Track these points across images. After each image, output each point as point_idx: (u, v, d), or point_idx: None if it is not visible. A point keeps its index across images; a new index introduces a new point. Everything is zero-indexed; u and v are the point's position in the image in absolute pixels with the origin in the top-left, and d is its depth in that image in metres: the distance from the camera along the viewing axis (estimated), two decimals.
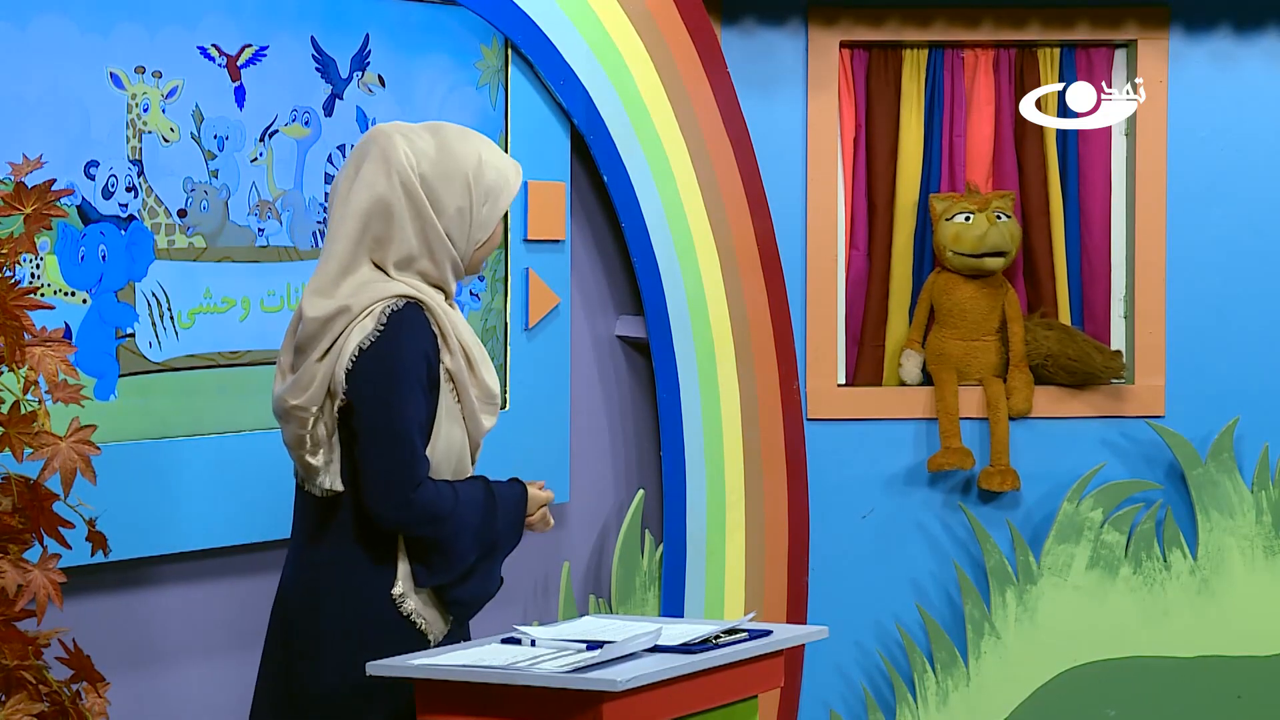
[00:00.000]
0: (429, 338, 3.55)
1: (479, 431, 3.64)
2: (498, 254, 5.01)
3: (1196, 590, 5.79)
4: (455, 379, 3.57)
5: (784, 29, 5.74)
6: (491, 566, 3.63)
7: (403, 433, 3.49)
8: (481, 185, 3.61)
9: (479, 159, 3.62)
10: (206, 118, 4.31)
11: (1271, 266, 5.83)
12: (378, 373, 3.50)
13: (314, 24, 4.53)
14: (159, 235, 4.22)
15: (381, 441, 3.49)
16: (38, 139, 3.94)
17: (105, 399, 4.10)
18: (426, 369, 3.53)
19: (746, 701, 3.55)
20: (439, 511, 3.51)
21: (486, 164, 3.62)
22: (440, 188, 3.59)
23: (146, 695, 4.25)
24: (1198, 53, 5.81)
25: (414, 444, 3.50)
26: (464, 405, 3.59)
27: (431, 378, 3.54)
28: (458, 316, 3.63)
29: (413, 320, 3.53)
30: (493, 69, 4.99)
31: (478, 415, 3.61)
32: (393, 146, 3.58)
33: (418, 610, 3.56)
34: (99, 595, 4.11)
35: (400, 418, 3.49)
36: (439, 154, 3.59)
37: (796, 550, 5.56)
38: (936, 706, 5.74)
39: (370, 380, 3.50)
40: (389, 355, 3.50)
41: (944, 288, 5.79)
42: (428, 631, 3.57)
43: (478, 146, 3.64)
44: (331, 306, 3.53)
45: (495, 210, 3.64)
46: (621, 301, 5.44)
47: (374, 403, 3.49)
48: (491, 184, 3.62)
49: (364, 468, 3.51)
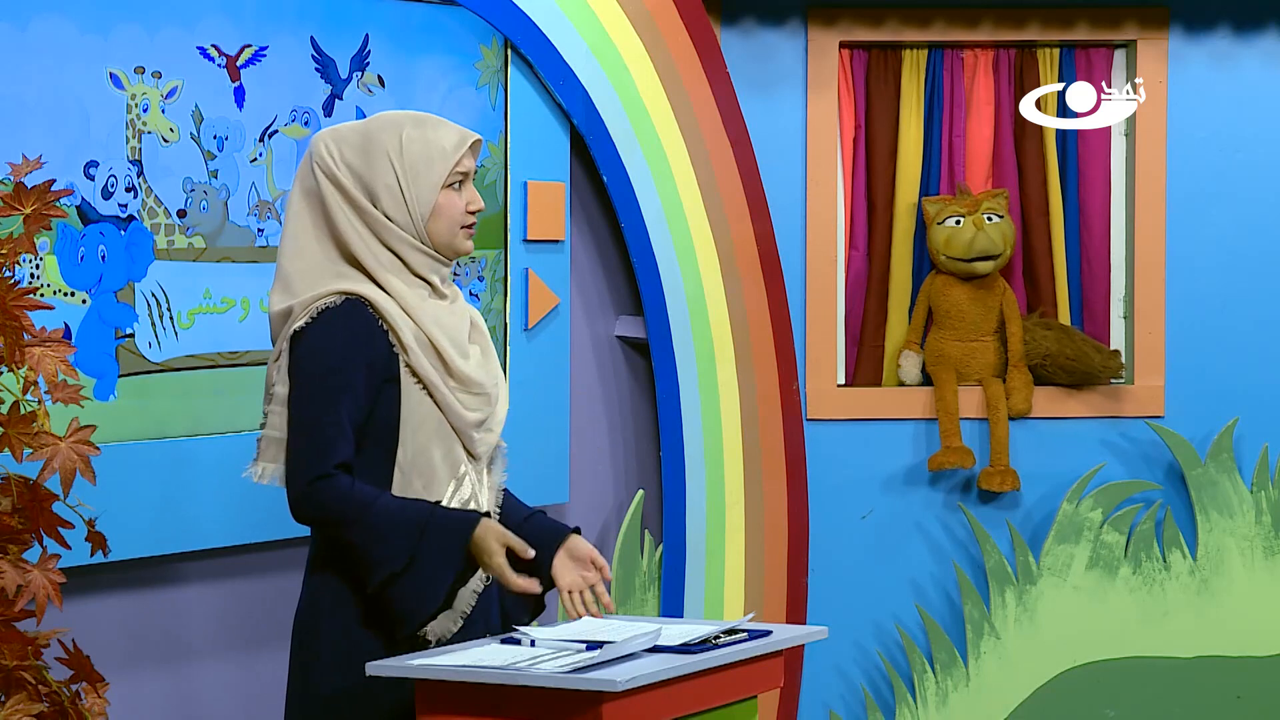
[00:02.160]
0: (370, 336, 3.52)
1: (463, 422, 3.58)
2: (497, 254, 5.01)
3: (1196, 590, 5.79)
4: (419, 374, 3.55)
5: (783, 29, 5.74)
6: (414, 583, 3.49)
7: (307, 423, 3.48)
8: (406, 159, 3.56)
9: (400, 136, 3.58)
10: (206, 118, 4.31)
11: (1271, 266, 5.83)
12: (295, 367, 3.51)
13: (313, 24, 4.53)
14: (158, 235, 4.22)
15: (291, 431, 3.51)
16: (37, 139, 3.94)
17: (105, 399, 4.10)
18: (363, 368, 3.51)
19: (746, 702, 3.55)
20: (342, 512, 3.47)
21: (410, 139, 3.57)
22: (365, 171, 3.57)
23: (147, 695, 4.25)
24: (1197, 53, 5.81)
25: (318, 437, 3.47)
26: (437, 399, 3.56)
27: (374, 377, 3.52)
28: (437, 308, 3.59)
29: (348, 317, 3.52)
30: (492, 69, 4.99)
31: (454, 405, 3.56)
32: (317, 145, 3.60)
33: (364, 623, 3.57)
34: (98, 596, 4.11)
35: (306, 409, 3.48)
36: (361, 139, 3.59)
37: (796, 551, 5.56)
38: (936, 707, 5.74)
39: (292, 373, 3.51)
40: (307, 351, 3.50)
41: (941, 289, 5.80)
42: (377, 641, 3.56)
43: (402, 123, 3.60)
44: (282, 305, 3.57)
45: (428, 180, 3.56)
46: (621, 302, 5.44)
47: (292, 394, 3.51)
48: (417, 155, 3.57)
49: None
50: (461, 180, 3.61)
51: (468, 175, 3.62)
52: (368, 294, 3.53)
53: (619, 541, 5.32)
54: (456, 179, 3.60)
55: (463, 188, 3.61)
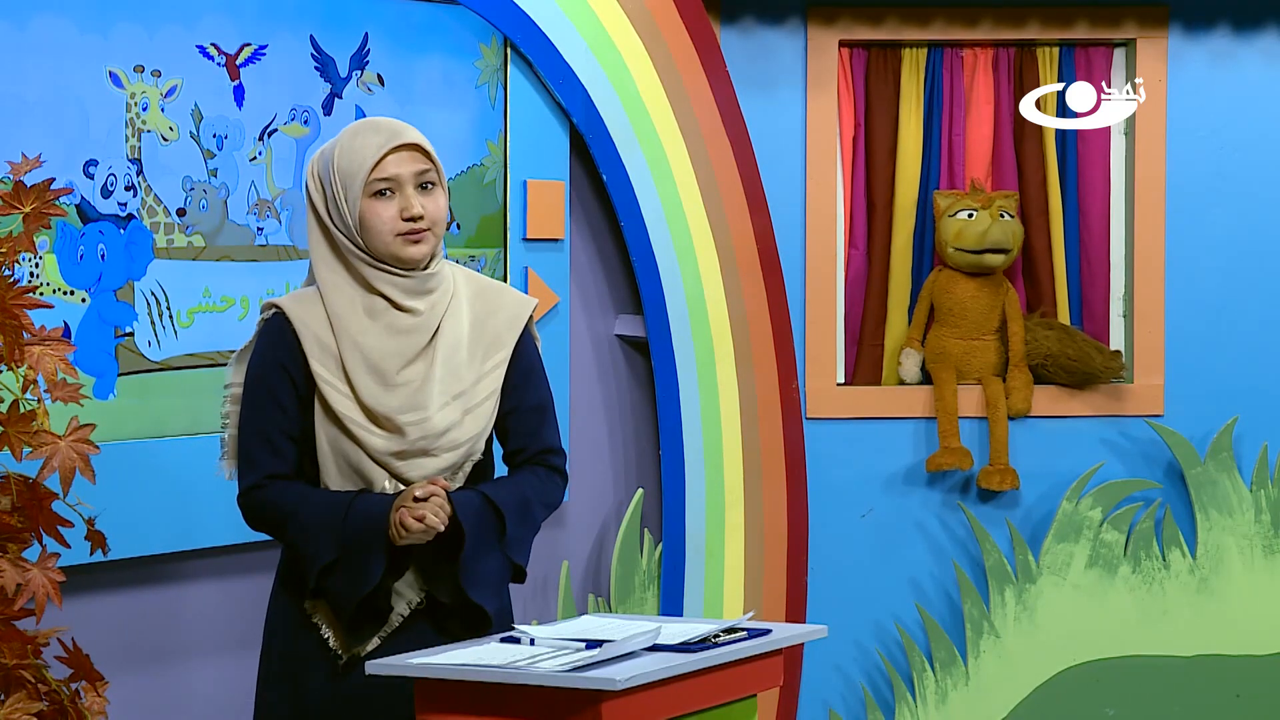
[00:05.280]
0: (284, 346, 3.55)
1: (374, 450, 3.54)
2: (497, 253, 5.01)
3: (1195, 589, 5.79)
4: (320, 390, 3.54)
5: (783, 28, 5.74)
6: (348, 571, 3.51)
7: (238, 436, 3.59)
8: (339, 170, 3.54)
9: (338, 146, 3.56)
10: (205, 117, 4.31)
11: (1271, 266, 5.83)
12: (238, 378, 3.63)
13: (313, 23, 4.53)
14: (158, 234, 4.22)
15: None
16: (37, 138, 3.94)
17: (104, 398, 4.10)
18: (281, 377, 3.54)
19: (745, 700, 3.55)
20: (274, 518, 3.54)
21: (341, 150, 3.55)
22: (322, 186, 3.57)
23: (148, 694, 4.25)
24: (1197, 52, 5.81)
25: (245, 451, 3.57)
26: (340, 420, 3.54)
27: (292, 386, 3.54)
28: (373, 327, 3.54)
29: (269, 330, 3.57)
30: (492, 68, 4.99)
31: (359, 434, 3.53)
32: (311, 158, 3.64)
33: (323, 620, 3.59)
34: (98, 595, 4.11)
35: (239, 424, 3.60)
36: (323, 154, 3.60)
37: (796, 550, 5.56)
38: (935, 706, 5.75)
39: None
40: (244, 363, 3.61)
41: (944, 286, 5.80)
42: (330, 640, 3.57)
43: (343, 134, 3.58)
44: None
45: (352, 191, 3.52)
46: (621, 301, 5.44)
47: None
48: (345, 167, 3.54)
49: None
50: (389, 188, 3.53)
51: (395, 180, 3.53)
52: (292, 311, 3.55)
53: (618, 540, 5.32)
54: (381, 187, 3.52)
55: (395, 195, 3.53)
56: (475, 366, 3.60)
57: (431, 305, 3.58)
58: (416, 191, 3.54)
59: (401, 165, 3.53)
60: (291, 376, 3.54)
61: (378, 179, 3.52)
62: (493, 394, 3.61)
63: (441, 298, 3.59)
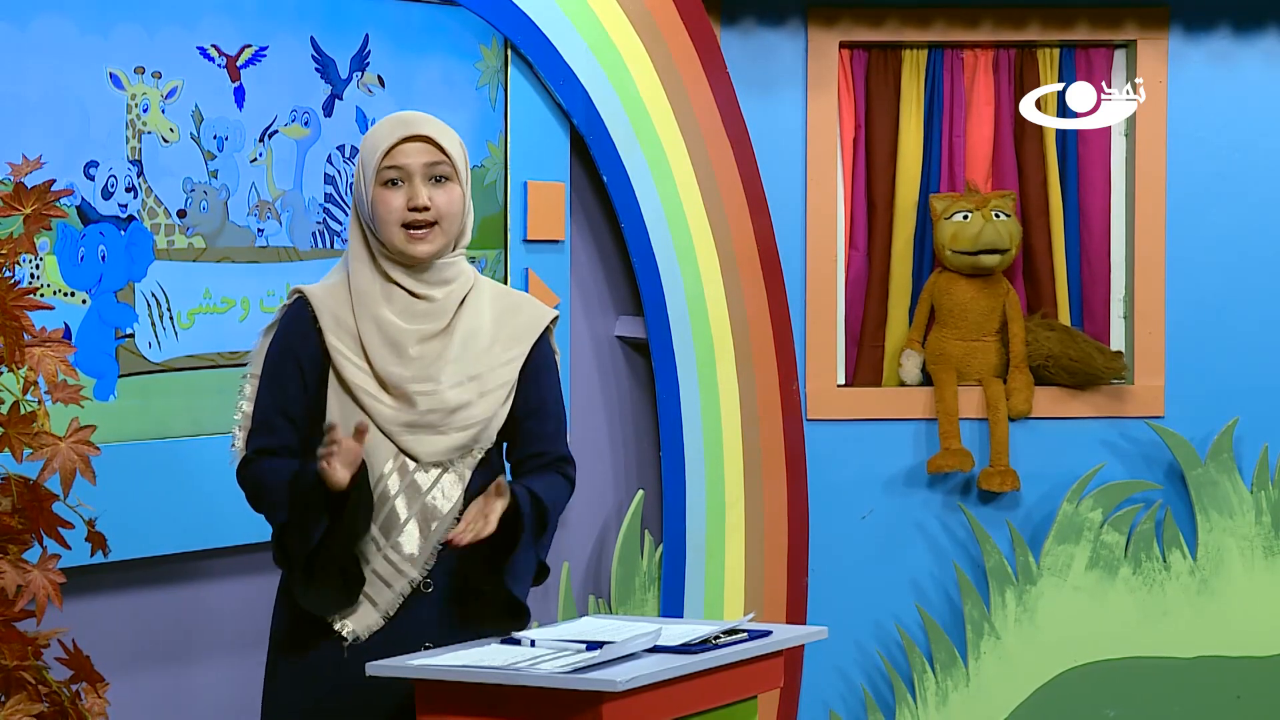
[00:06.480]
0: (304, 336, 3.56)
1: (384, 420, 3.54)
2: (497, 254, 5.01)
3: (1196, 590, 5.79)
4: (339, 372, 3.55)
5: (783, 29, 5.74)
6: (298, 528, 3.50)
7: (246, 414, 3.61)
8: (361, 156, 3.58)
9: (365, 139, 3.60)
10: (206, 118, 4.31)
11: (1271, 266, 5.83)
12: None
13: (314, 24, 4.53)
14: (158, 235, 4.22)
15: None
16: (37, 139, 3.94)
17: (105, 399, 4.10)
18: (295, 360, 3.56)
19: (746, 702, 3.55)
20: (254, 489, 3.58)
21: (368, 135, 3.59)
22: (359, 165, 3.60)
23: (148, 694, 4.25)
24: (1197, 53, 5.81)
25: (248, 427, 3.60)
26: (351, 390, 3.55)
27: (307, 368, 3.56)
28: (391, 307, 3.55)
29: (289, 313, 3.59)
30: (492, 69, 4.99)
31: (370, 404, 3.53)
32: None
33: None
34: (98, 596, 4.12)
35: (248, 400, 3.61)
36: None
37: (796, 550, 5.56)
38: (936, 707, 5.74)
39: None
40: (262, 346, 3.63)
41: (944, 287, 5.80)
42: (335, 622, 3.58)
43: (380, 121, 3.61)
44: None
45: (366, 178, 3.55)
46: (621, 302, 5.44)
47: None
48: (363, 154, 3.57)
49: None
50: (398, 177, 3.53)
51: (404, 170, 3.53)
52: (314, 294, 3.57)
53: (619, 541, 5.32)
54: (390, 176, 3.53)
55: (403, 185, 3.54)
56: (495, 353, 3.60)
57: (448, 294, 3.59)
58: (427, 184, 3.54)
59: (411, 156, 3.53)
60: (299, 359, 3.55)
61: (387, 167, 3.53)
62: (508, 384, 3.61)
63: (459, 287, 3.60)
